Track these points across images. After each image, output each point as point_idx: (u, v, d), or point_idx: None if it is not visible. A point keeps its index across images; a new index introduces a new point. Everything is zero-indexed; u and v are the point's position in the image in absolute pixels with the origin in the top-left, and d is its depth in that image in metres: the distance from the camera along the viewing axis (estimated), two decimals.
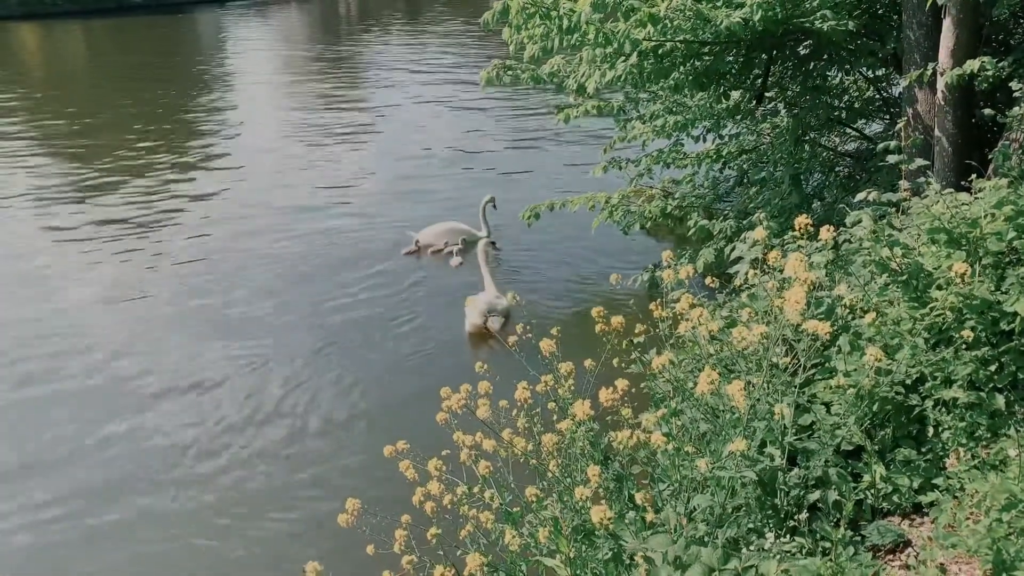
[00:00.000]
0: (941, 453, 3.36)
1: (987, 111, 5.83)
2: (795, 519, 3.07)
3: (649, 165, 8.72)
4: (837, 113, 8.17)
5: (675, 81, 7.12)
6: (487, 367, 3.59)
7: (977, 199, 4.06)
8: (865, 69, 8.04)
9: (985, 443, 3.32)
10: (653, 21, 6.21)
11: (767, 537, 2.85)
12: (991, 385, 3.41)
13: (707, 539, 2.94)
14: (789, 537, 3.01)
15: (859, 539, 3.16)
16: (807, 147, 7.90)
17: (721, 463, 2.97)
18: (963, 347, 3.41)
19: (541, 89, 9.15)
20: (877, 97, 8.46)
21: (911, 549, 3.13)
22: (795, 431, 3.28)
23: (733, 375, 3.55)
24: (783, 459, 3.15)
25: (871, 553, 3.04)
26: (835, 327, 3.63)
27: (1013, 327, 3.48)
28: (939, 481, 3.26)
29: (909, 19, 6.07)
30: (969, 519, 2.93)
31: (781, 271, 3.41)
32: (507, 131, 14.77)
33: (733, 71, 7.47)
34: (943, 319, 3.57)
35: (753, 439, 3.10)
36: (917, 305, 3.67)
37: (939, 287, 3.66)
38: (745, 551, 2.81)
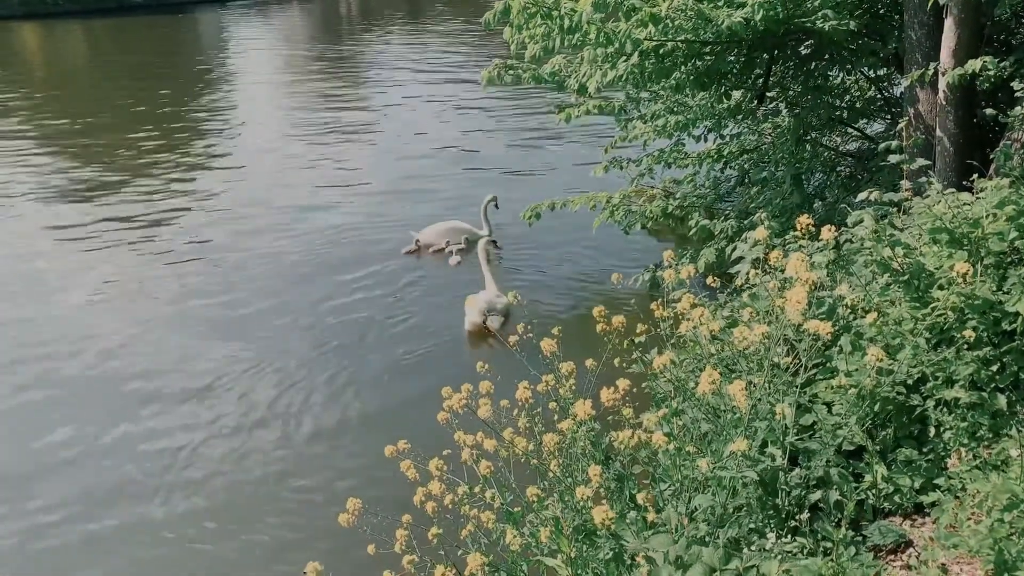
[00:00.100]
0: (943, 453, 3.36)
1: (989, 111, 5.83)
2: (796, 519, 3.07)
3: (650, 165, 8.72)
4: (838, 113, 8.16)
5: (676, 81, 7.11)
6: (488, 367, 3.59)
7: (979, 199, 4.06)
8: (866, 69, 8.03)
9: (987, 443, 3.32)
10: (654, 21, 6.20)
11: (768, 537, 2.85)
12: (993, 385, 3.41)
13: (708, 539, 2.94)
14: (790, 537, 3.00)
15: (860, 539, 3.16)
16: (808, 147, 7.90)
17: (722, 463, 2.97)
18: (965, 347, 3.41)
19: (543, 88, 9.13)
20: (878, 97, 8.45)
21: (912, 549, 3.13)
22: (796, 431, 3.27)
23: (734, 375, 3.54)
24: (784, 459, 3.15)
25: (872, 553, 3.04)
26: (836, 327, 3.62)
27: (1015, 327, 3.48)
28: (941, 481, 3.26)
29: (911, 19, 6.07)
30: (971, 519, 2.93)
31: (782, 271, 3.41)
32: (508, 130, 14.77)
33: (734, 71, 7.46)
34: (945, 319, 3.57)
35: (754, 439, 3.10)
36: (919, 305, 3.67)
37: (941, 287, 3.66)
38: (746, 551, 2.81)
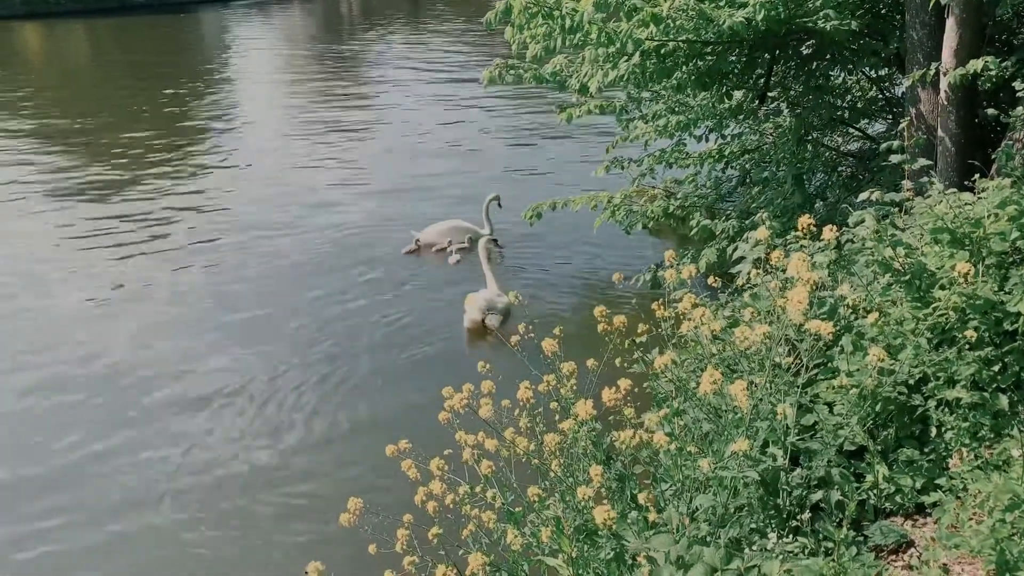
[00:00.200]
0: (944, 453, 3.35)
1: (990, 111, 5.83)
2: (798, 519, 3.06)
3: (651, 165, 8.72)
4: (840, 113, 8.16)
5: (678, 81, 7.11)
6: (489, 366, 3.58)
7: (980, 199, 4.05)
8: (868, 69, 8.02)
9: (988, 443, 3.31)
10: (656, 21, 6.20)
11: (770, 537, 2.85)
12: (994, 385, 3.41)
13: (710, 539, 2.94)
14: (792, 537, 3.00)
15: (862, 539, 3.15)
16: (810, 147, 7.90)
17: (724, 463, 2.96)
18: (966, 347, 3.41)
19: (544, 88, 9.13)
20: (880, 97, 8.45)
21: (914, 549, 3.13)
22: (798, 431, 3.27)
23: (736, 375, 3.54)
24: (786, 459, 3.14)
25: (874, 553, 3.04)
26: (838, 327, 3.62)
27: (1016, 327, 3.48)
28: (942, 481, 3.26)
29: (912, 19, 6.07)
30: (972, 519, 2.92)
31: (784, 271, 3.41)
32: (510, 129, 14.78)
33: (736, 71, 7.45)
34: (946, 319, 3.57)
35: (756, 439, 3.10)
36: (920, 305, 3.67)
37: (942, 287, 3.66)
38: (748, 551, 2.81)
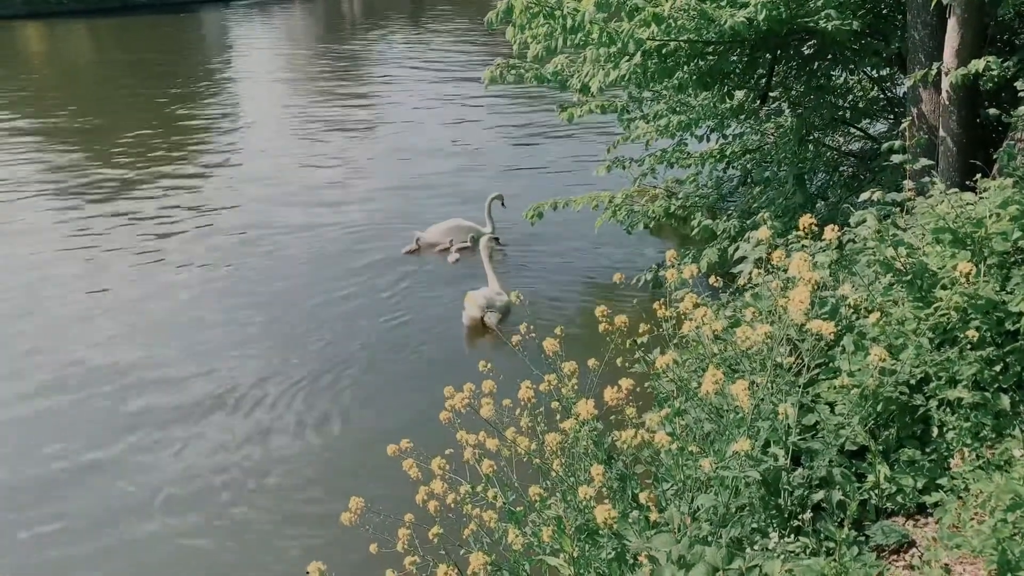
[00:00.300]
0: (945, 453, 3.35)
1: (992, 111, 5.82)
2: (799, 519, 3.06)
3: (653, 165, 8.73)
4: (841, 113, 8.16)
5: (679, 80, 7.11)
6: (490, 366, 3.59)
7: (982, 199, 4.05)
8: (869, 69, 8.02)
9: (990, 443, 3.31)
10: (657, 21, 6.20)
11: (771, 537, 2.85)
12: (996, 385, 3.40)
13: (711, 539, 2.94)
14: (793, 537, 3.00)
15: (863, 539, 3.15)
16: (811, 147, 7.90)
17: (725, 463, 2.96)
18: (968, 347, 3.40)
19: (545, 87, 9.13)
20: (881, 97, 8.45)
21: (915, 549, 3.12)
22: (799, 431, 3.27)
23: (737, 375, 3.54)
24: (787, 459, 3.14)
25: (875, 553, 3.03)
26: (839, 327, 3.62)
27: (1018, 327, 3.47)
28: (943, 481, 3.25)
29: (914, 19, 6.06)
30: (974, 519, 2.92)
31: (785, 271, 3.40)
32: (511, 129, 14.79)
33: (737, 71, 7.45)
34: (948, 319, 3.56)
35: (757, 439, 3.10)
36: (921, 305, 3.67)
37: (944, 287, 3.66)
38: (749, 551, 2.81)
